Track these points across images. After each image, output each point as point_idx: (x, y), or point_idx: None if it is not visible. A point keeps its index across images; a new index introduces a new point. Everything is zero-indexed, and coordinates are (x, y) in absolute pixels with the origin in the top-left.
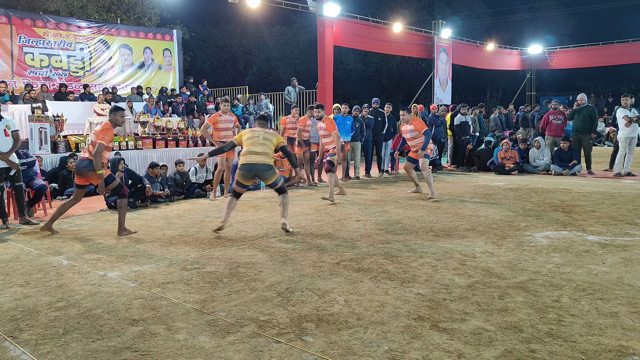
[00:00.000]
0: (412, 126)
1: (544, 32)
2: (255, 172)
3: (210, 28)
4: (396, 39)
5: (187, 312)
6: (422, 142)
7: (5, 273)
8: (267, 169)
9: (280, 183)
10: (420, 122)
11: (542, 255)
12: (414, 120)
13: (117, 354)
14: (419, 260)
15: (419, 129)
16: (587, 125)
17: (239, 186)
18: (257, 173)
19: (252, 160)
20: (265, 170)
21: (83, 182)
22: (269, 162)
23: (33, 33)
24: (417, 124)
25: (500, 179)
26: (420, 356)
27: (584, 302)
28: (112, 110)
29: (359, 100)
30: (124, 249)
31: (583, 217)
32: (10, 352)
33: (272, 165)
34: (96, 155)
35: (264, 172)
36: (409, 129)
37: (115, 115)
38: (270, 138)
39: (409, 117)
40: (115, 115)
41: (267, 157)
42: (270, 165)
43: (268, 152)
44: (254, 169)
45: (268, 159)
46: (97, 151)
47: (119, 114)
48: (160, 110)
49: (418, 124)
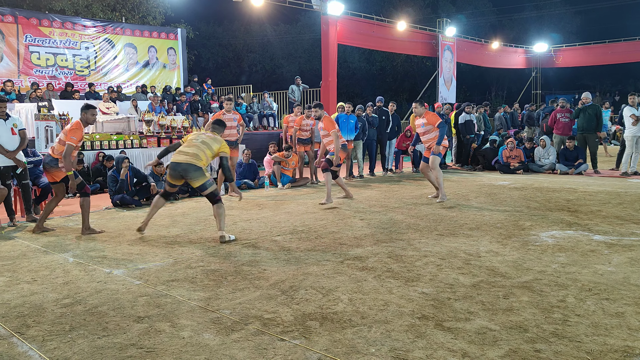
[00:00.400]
0: (425, 120)
1: (550, 30)
2: (180, 172)
3: (214, 27)
4: (400, 37)
5: (191, 310)
6: (436, 136)
7: (13, 270)
8: (191, 169)
9: (211, 189)
10: (433, 115)
11: (547, 255)
12: (427, 114)
13: (122, 350)
14: (423, 259)
15: (433, 123)
16: (592, 124)
17: (169, 185)
18: (182, 173)
19: (178, 160)
20: (189, 170)
21: (51, 179)
22: (195, 162)
23: (39, 32)
24: (431, 117)
25: (505, 178)
26: (424, 355)
27: (590, 302)
28: (83, 108)
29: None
30: (130, 247)
31: (589, 216)
32: (17, 348)
33: (198, 166)
34: (66, 157)
35: (190, 172)
36: (422, 122)
37: (86, 114)
38: (210, 144)
39: (422, 110)
40: (86, 114)
41: (195, 158)
42: (195, 166)
43: (199, 154)
44: (178, 168)
45: (196, 160)
46: (67, 152)
47: (89, 112)
48: (164, 109)
49: (431, 117)
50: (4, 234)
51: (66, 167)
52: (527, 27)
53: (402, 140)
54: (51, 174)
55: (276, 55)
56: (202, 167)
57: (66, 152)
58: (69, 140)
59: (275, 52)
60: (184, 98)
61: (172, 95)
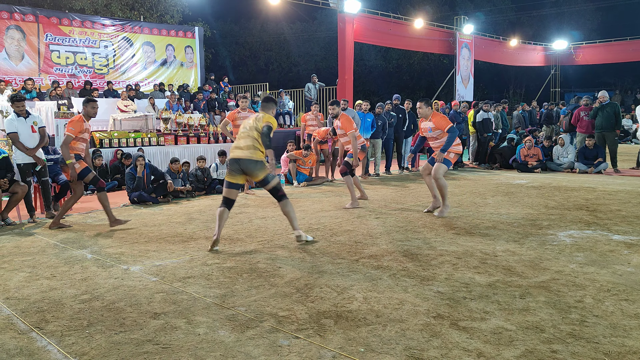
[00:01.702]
0: (432, 123)
1: (570, 27)
2: (241, 168)
3: (231, 25)
4: (417, 35)
5: (207, 307)
6: (444, 142)
7: (33, 266)
8: (251, 164)
9: (273, 182)
10: (442, 118)
11: (565, 255)
12: (435, 116)
13: (139, 346)
14: (439, 258)
15: (441, 127)
16: (611, 123)
17: (228, 188)
18: (243, 169)
19: (235, 155)
20: (249, 166)
21: (69, 177)
22: (253, 156)
23: (59, 31)
24: (438, 121)
25: (523, 176)
26: (439, 355)
27: (608, 303)
28: (84, 102)
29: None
30: (147, 244)
31: (608, 216)
32: (37, 342)
33: (258, 160)
34: (63, 146)
35: (249, 167)
36: (429, 126)
37: (86, 107)
38: (256, 125)
39: (427, 112)
40: (86, 107)
41: (251, 150)
42: (254, 160)
43: (254, 144)
44: (237, 164)
45: (253, 152)
46: (65, 142)
47: (89, 106)
48: (182, 106)
49: (439, 120)
50: (24, 230)
51: (64, 156)
52: (547, 25)
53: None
54: (66, 171)
55: (292, 53)
56: (261, 160)
57: (64, 142)
58: (68, 130)
59: (291, 50)
60: (201, 96)
61: (190, 94)
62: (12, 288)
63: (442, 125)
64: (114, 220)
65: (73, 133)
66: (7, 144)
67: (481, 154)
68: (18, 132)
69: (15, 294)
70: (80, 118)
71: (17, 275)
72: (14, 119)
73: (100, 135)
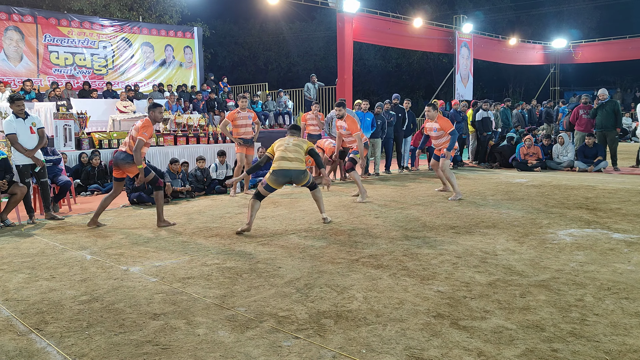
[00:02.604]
0: (438, 125)
1: (569, 25)
2: (290, 178)
3: (230, 25)
4: (417, 34)
5: (207, 307)
6: (447, 141)
7: (32, 267)
8: (301, 174)
9: (311, 181)
10: (446, 121)
11: (565, 253)
12: (440, 119)
13: (138, 347)
14: (439, 258)
15: (445, 129)
16: (611, 121)
17: (267, 190)
18: (292, 179)
19: (286, 167)
20: (299, 175)
21: (120, 175)
22: (302, 167)
23: (58, 32)
24: (443, 123)
25: (523, 175)
26: (440, 354)
27: (609, 302)
28: (151, 107)
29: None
30: (146, 245)
31: (608, 214)
32: (36, 344)
33: (304, 169)
34: (136, 151)
35: (299, 176)
36: (434, 127)
37: (154, 112)
38: (300, 144)
39: (434, 114)
40: (154, 112)
41: (299, 162)
42: (302, 170)
43: (300, 157)
44: (288, 175)
45: (301, 164)
46: (137, 146)
47: (157, 111)
48: (181, 107)
49: (444, 123)
50: (23, 232)
51: (136, 161)
52: (546, 23)
53: (418, 138)
54: (123, 169)
55: (292, 53)
56: (305, 169)
57: (137, 146)
58: (141, 135)
59: (290, 50)
60: (200, 96)
61: (189, 94)
62: (12, 289)
63: (446, 128)
64: (162, 220)
65: (146, 138)
66: (6, 145)
67: (481, 153)
68: (17, 133)
69: (15, 295)
70: (149, 123)
71: (17, 276)
72: (12, 120)
73: (100, 136)
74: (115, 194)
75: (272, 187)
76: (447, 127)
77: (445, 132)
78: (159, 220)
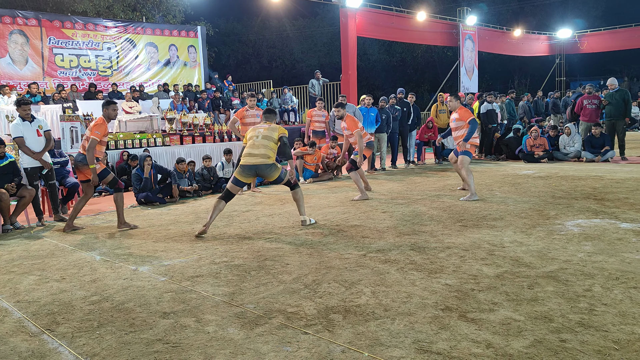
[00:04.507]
0: (457, 115)
1: (574, 15)
2: (255, 172)
3: (233, 23)
4: (420, 27)
5: (216, 305)
6: (465, 133)
7: (42, 269)
8: (267, 168)
9: (286, 177)
10: (466, 111)
11: (573, 244)
12: (460, 109)
13: (149, 346)
14: (446, 251)
15: (464, 118)
16: (620, 110)
17: (237, 185)
18: (259, 173)
19: (251, 162)
20: (265, 170)
21: (83, 178)
22: (268, 161)
23: (62, 34)
24: (462, 113)
25: (530, 167)
26: (448, 347)
27: (617, 291)
28: (104, 104)
29: (384, 91)
30: (154, 244)
31: (616, 204)
32: (48, 344)
33: (271, 163)
34: (89, 150)
35: (265, 171)
36: (454, 117)
37: (107, 109)
38: (270, 135)
39: (456, 105)
40: (107, 109)
41: (265, 157)
42: (269, 164)
43: (267, 152)
44: (253, 169)
45: (267, 159)
46: (90, 146)
47: (110, 108)
48: (186, 106)
49: (463, 113)
50: (33, 234)
51: (89, 160)
52: (550, 13)
53: (423, 132)
54: (82, 171)
55: (295, 49)
56: (273, 162)
57: (90, 146)
58: (93, 134)
59: (294, 47)
60: (205, 95)
61: (194, 93)
62: (23, 291)
63: (464, 118)
64: (123, 222)
65: (98, 137)
66: (14, 149)
67: (487, 145)
68: (24, 137)
69: (26, 297)
70: (102, 121)
71: (27, 278)
72: (19, 124)
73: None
74: (87, 197)
75: (240, 179)
76: (466, 117)
77: (465, 122)
78: (119, 222)
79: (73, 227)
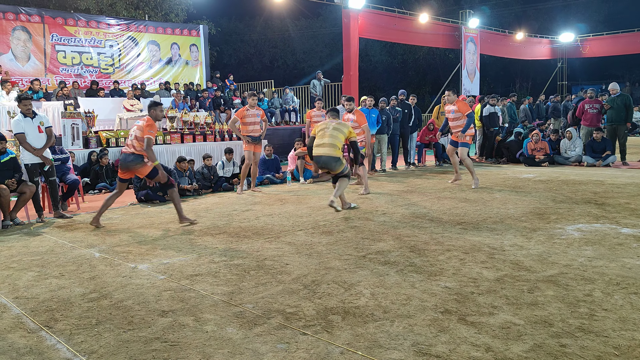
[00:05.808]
0: (456, 107)
1: (576, 19)
2: (321, 164)
3: (236, 23)
4: (422, 29)
5: (215, 304)
6: (463, 124)
7: (41, 265)
8: (332, 161)
9: (345, 172)
10: (465, 105)
11: (573, 249)
12: (459, 102)
13: (147, 344)
14: (446, 254)
15: (463, 111)
16: (622, 115)
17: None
18: (324, 165)
19: (319, 153)
20: (331, 163)
21: (128, 176)
22: (335, 154)
23: (65, 31)
24: (462, 106)
25: (530, 170)
26: (448, 350)
27: (618, 297)
28: (151, 105)
29: (385, 92)
30: (154, 242)
31: (617, 209)
32: (46, 341)
33: (338, 157)
34: (148, 149)
35: (330, 164)
36: (452, 109)
37: (155, 110)
38: (341, 129)
39: (454, 98)
40: (155, 110)
41: (333, 148)
42: (335, 157)
43: (335, 143)
44: (320, 161)
45: (335, 151)
46: (148, 144)
47: (158, 109)
48: (187, 105)
49: (462, 106)
50: (32, 230)
51: (151, 159)
52: (553, 17)
53: (424, 134)
54: (133, 170)
55: (297, 50)
56: (340, 157)
57: (148, 144)
58: (148, 134)
59: (296, 47)
60: (207, 94)
61: (195, 92)
62: (22, 287)
63: (464, 110)
64: (183, 217)
65: (153, 135)
66: (15, 145)
67: (488, 148)
68: (25, 133)
69: (25, 293)
70: (152, 121)
71: (26, 274)
72: (20, 120)
73: (107, 135)
74: (119, 194)
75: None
76: (465, 110)
77: (463, 115)
78: (180, 217)
79: (98, 223)
